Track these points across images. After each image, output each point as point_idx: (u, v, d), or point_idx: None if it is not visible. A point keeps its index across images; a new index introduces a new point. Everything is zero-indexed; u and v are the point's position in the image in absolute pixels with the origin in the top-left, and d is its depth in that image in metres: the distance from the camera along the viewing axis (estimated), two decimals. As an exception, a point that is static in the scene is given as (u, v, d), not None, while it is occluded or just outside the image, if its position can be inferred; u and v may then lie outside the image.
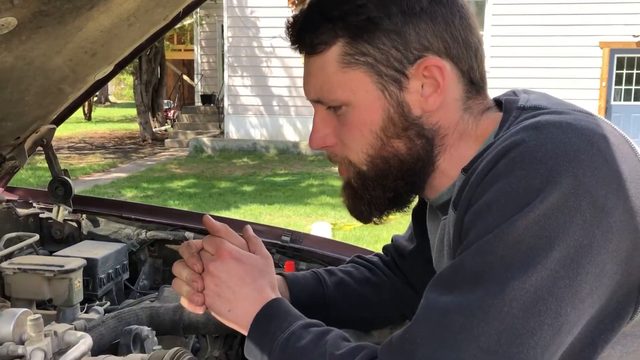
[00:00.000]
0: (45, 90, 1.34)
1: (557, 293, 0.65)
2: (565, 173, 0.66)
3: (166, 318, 1.22)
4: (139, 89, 15.51)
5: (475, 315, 0.65)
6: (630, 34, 11.86)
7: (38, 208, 1.76)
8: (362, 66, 0.81)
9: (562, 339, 0.66)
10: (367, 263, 1.14)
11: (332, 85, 0.83)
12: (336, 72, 0.82)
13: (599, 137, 0.69)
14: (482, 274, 0.67)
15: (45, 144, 1.60)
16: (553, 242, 0.65)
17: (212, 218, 0.93)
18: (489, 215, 0.69)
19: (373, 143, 0.83)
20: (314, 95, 0.86)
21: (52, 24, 1.00)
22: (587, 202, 0.65)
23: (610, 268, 0.67)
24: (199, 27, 16.74)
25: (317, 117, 0.88)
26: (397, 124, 0.82)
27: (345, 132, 0.85)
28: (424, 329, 0.68)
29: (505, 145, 0.71)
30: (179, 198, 8.06)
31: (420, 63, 0.80)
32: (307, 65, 0.86)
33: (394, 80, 0.81)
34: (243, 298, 0.83)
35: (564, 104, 0.80)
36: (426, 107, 0.82)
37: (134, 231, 1.72)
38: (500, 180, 0.69)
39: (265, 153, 12.54)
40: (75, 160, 11.81)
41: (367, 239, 5.75)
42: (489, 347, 0.64)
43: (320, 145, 0.88)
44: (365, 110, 0.82)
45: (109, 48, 1.32)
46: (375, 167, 0.85)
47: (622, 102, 12.50)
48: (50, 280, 1.25)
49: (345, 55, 0.81)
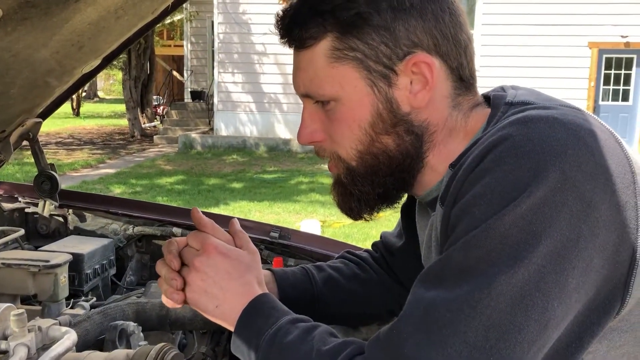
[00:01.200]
0: (31, 83, 1.32)
1: (544, 288, 0.65)
2: (552, 167, 0.66)
3: (153, 314, 1.21)
4: (128, 84, 15.42)
5: (462, 310, 0.65)
6: (618, 34, 11.96)
7: (24, 202, 1.75)
8: (351, 61, 0.81)
9: (549, 334, 0.66)
10: (357, 259, 1.14)
11: (321, 80, 0.82)
12: (325, 66, 0.82)
13: (585, 132, 0.70)
14: (469, 268, 0.67)
15: (31, 138, 1.58)
16: (540, 236, 0.65)
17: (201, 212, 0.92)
18: (476, 210, 0.69)
19: (362, 139, 0.83)
20: (303, 89, 0.86)
21: (38, 15, 0.98)
22: (573, 196, 0.65)
23: (597, 262, 0.67)
24: (188, 22, 16.66)
25: (305, 112, 0.88)
26: (386, 120, 0.82)
27: (333, 127, 0.85)
28: (411, 324, 0.68)
29: (492, 140, 0.71)
30: (167, 194, 8.03)
31: (409, 59, 0.80)
32: (296, 60, 0.86)
33: (382, 76, 0.81)
34: (230, 293, 0.82)
35: (552, 99, 0.81)
36: (415, 103, 0.82)
37: (121, 226, 1.71)
38: (487, 175, 0.69)
39: (255, 150, 12.51)
40: (63, 155, 11.72)
41: (356, 236, 5.76)
42: (476, 342, 0.64)
43: (308, 141, 0.88)
44: (353, 105, 0.82)
45: (97, 41, 1.31)
46: (365, 163, 0.84)
47: (610, 102, 12.61)
48: (35, 275, 1.24)
49: (334, 50, 0.81)
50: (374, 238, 1.23)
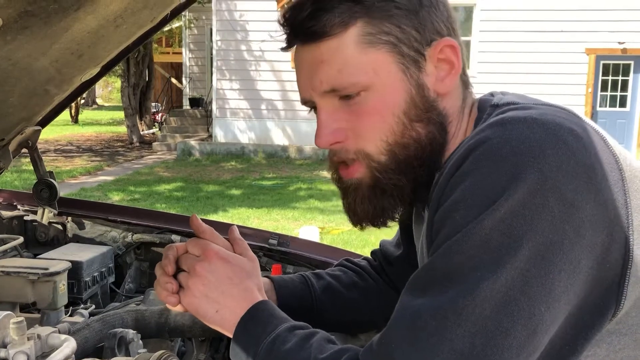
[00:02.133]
0: (31, 91, 1.33)
1: (529, 292, 0.64)
2: (531, 169, 0.65)
3: (152, 321, 1.21)
4: (126, 91, 15.42)
5: (447, 318, 0.64)
6: (615, 41, 12.00)
7: (23, 210, 1.75)
8: (385, 45, 0.79)
9: (539, 339, 0.66)
10: (355, 267, 1.14)
11: (353, 68, 0.79)
12: (356, 53, 0.78)
13: (565, 131, 0.68)
14: (452, 274, 0.66)
15: (30, 146, 1.59)
16: (521, 239, 0.64)
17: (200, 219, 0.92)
18: (457, 215, 0.68)
19: (394, 128, 0.80)
20: (326, 85, 0.80)
21: (38, 24, 0.99)
22: (554, 197, 0.64)
23: (585, 264, 0.66)
24: (187, 30, 16.70)
25: (323, 113, 0.82)
26: (419, 106, 0.80)
27: (361, 121, 0.80)
28: (399, 333, 0.68)
29: (471, 144, 0.71)
30: (166, 201, 8.02)
31: (436, 44, 0.81)
32: (315, 54, 0.80)
33: (414, 61, 0.80)
34: (231, 298, 0.82)
35: (537, 101, 0.80)
36: (441, 89, 0.82)
37: (119, 234, 1.71)
38: (467, 179, 0.69)
39: (253, 157, 12.51)
40: (61, 162, 11.71)
41: (355, 243, 5.75)
42: (463, 349, 0.63)
43: (332, 141, 0.82)
44: (387, 92, 0.79)
45: (96, 49, 1.31)
46: (395, 157, 0.81)
47: (608, 108, 12.64)
48: (34, 283, 1.24)
49: (365, 35, 0.78)
50: (373, 245, 1.23)
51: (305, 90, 0.84)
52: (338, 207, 7.82)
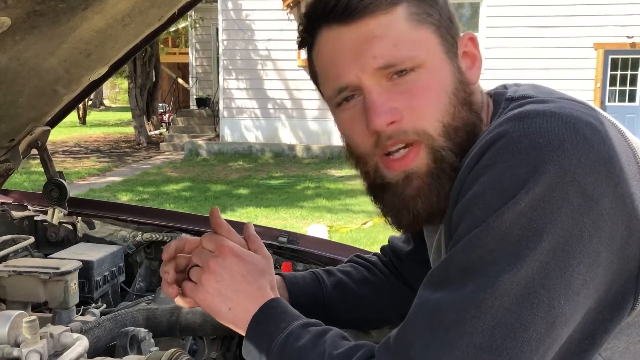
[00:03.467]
0: (40, 91, 1.33)
1: (549, 285, 0.64)
2: (550, 162, 0.65)
3: (163, 320, 1.22)
4: (133, 92, 15.47)
5: (467, 311, 0.64)
6: (624, 35, 11.92)
7: (33, 211, 1.75)
8: (431, 26, 0.80)
9: (558, 332, 0.66)
10: (366, 263, 1.14)
11: (408, 43, 0.78)
12: (407, 29, 0.78)
13: (583, 124, 0.68)
14: (472, 268, 0.66)
15: (39, 146, 1.59)
16: (541, 233, 0.64)
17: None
18: (476, 209, 0.68)
19: (449, 109, 0.78)
20: (381, 60, 0.77)
21: (47, 24, 0.99)
22: (574, 190, 0.65)
23: (605, 257, 0.66)
24: (193, 30, 16.74)
25: (374, 94, 0.78)
26: (464, 89, 0.81)
27: (417, 99, 0.78)
28: (417, 327, 0.68)
29: (489, 138, 0.70)
30: (174, 201, 8.04)
31: (463, 35, 0.83)
32: (363, 31, 0.78)
33: (451, 46, 0.82)
34: (244, 296, 0.82)
35: (553, 92, 0.80)
36: (471, 79, 0.83)
37: (129, 233, 1.71)
38: (486, 173, 0.69)
39: (260, 156, 12.53)
40: (70, 164, 11.77)
41: (364, 240, 5.75)
42: (482, 342, 0.63)
43: (388, 120, 0.77)
44: (438, 71, 0.79)
45: (104, 49, 1.31)
46: (450, 139, 0.78)
47: (617, 103, 12.55)
48: (46, 282, 1.24)
49: (413, 14, 0.79)
50: (381, 242, 1.23)
51: (348, 73, 0.79)
52: (346, 206, 7.81)
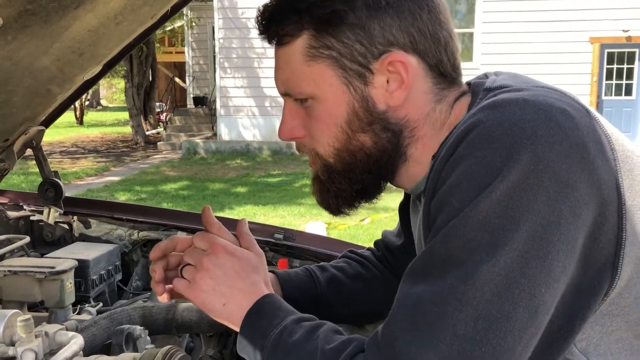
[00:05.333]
0: (33, 91, 1.33)
1: (529, 274, 0.64)
2: (524, 150, 0.65)
3: (159, 317, 1.22)
4: (130, 92, 15.45)
5: (448, 304, 0.64)
6: (619, 29, 11.92)
7: (29, 210, 1.75)
8: (326, 60, 0.81)
9: (541, 320, 0.66)
10: (360, 258, 1.14)
11: (298, 78, 0.83)
12: (301, 65, 0.82)
13: (557, 111, 0.68)
14: (451, 259, 0.66)
15: (34, 146, 1.59)
16: (518, 221, 0.64)
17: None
18: (453, 200, 0.68)
19: (339, 137, 0.84)
20: (282, 87, 0.86)
21: (38, 23, 0.99)
22: (549, 177, 0.65)
23: (581, 243, 0.67)
24: (189, 29, 16.71)
25: (286, 109, 0.88)
26: (362, 119, 0.82)
27: (312, 124, 0.85)
28: (401, 322, 0.68)
29: (464, 128, 0.71)
30: (172, 200, 8.04)
31: (384, 58, 0.80)
32: (276, 57, 0.86)
33: (358, 74, 0.81)
34: (238, 292, 0.82)
35: (530, 81, 0.80)
36: (391, 102, 0.82)
37: (125, 232, 1.71)
38: (462, 163, 0.69)
39: (258, 154, 12.53)
40: (67, 164, 11.75)
41: (362, 237, 5.76)
42: (466, 334, 0.63)
43: (288, 137, 0.88)
44: (330, 104, 0.82)
45: (97, 47, 1.31)
46: (342, 160, 0.85)
47: (613, 97, 12.56)
48: (42, 281, 1.24)
49: (310, 48, 0.81)
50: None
51: (276, 84, 0.90)
52: (344, 202, 7.86)
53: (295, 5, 0.81)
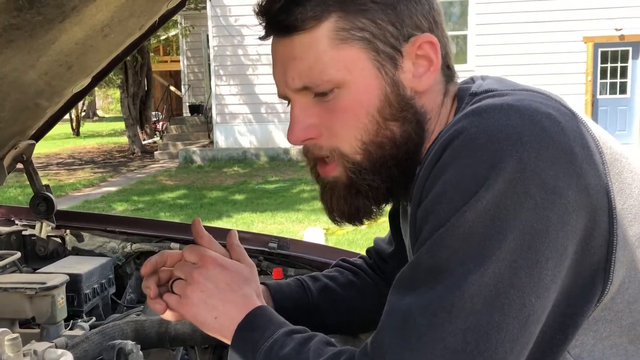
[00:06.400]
0: (22, 105, 1.32)
1: (518, 284, 0.63)
2: (509, 157, 0.64)
3: (152, 331, 1.20)
4: (126, 102, 15.45)
5: (437, 316, 0.63)
6: (612, 28, 11.96)
7: (20, 225, 1.74)
8: (359, 42, 0.76)
9: (532, 330, 0.65)
10: (352, 266, 1.13)
11: (325, 65, 0.76)
12: (328, 49, 0.76)
13: (542, 116, 0.67)
14: (439, 270, 0.65)
15: (25, 160, 1.58)
16: (505, 230, 0.63)
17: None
18: (440, 209, 0.67)
19: (368, 127, 0.77)
20: (299, 81, 0.78)
21: (24, 37, 0.98)
22: (535, 184, 0.63)
23: (571, 250, 0.65)
24: (184, 38, 16.73)
25: (296, 109, 0.80)
26: (394, 105, 0.78)
27: (335, 119, 0.78)
28: (390, 334, 0.67)
29: (448, 135, 0.69)
30: (170, 210, 8.02)
31: (414, 40, 0.78)
32: (287, 49, 0.78)
33: (390, 57, 0.77)
34: (230, 304, 0.81)
35: (515, 85, 0.79)
36: (419, 87, 0.79)
37: (119, 244, 1.70)
38: (447, 172, 0.67)
39: (255, 160, 12.52)
40: (64, 176, 11.73)
41: (360, 242, 5.74)
42: (456, 346, 0.62)
43: (303, 138, 0.80)
44: (361, 90, 0.77)
45: (85, 60, 1.31)
46: (370, 156, 0.78)
47: (608, 96, 12.59)
48: (32, 298, 1.23)
49: (339, 31, 0.75)
50: (376, 244, 1.22)
51: (279, 85, 0.82)
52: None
53: None
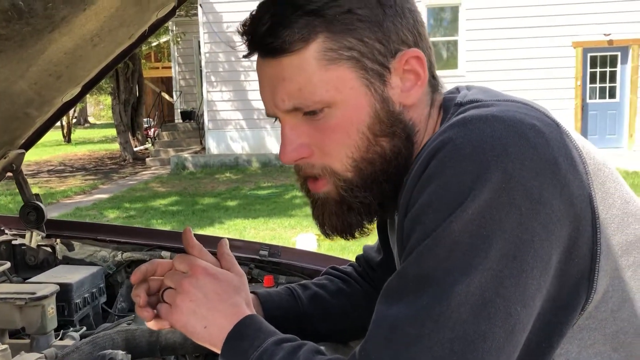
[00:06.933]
0: (11, 115, 1.32)
1: (504, 293, 0.63)
2: (494, 168, 0.65)
3: (142, 340, 1.20)
4: (117, 108, 15.40)
5: (424, 325, 0.64)
6: (601, 33, 12.06)
7: (10, 235, 1.73)
8: (347, 61, 0.76)
9: (517, 339, 0.65)
10: (341, 274, 1.13)
11: (314, 86, 0.76)
12: (317, 70, 0.76)
13: (527, 127, 0.68)
14: (426, 280, 0.66)
15: (14, 170, 1.58)
16: (491, 240, 0.64)
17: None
18: (426, 219, 0.67)
19: (359, 144, 0.78)
20: (289, 103, 0.78)
21: (13, 47, 0.98)
22: (520, 195, 0.64)
23: (556, 259, 0.66)
24: (175, 44, 16.72)
25: (286, 128, 0.81)
26: (384, 121, 0.78)
27: (325, 137, 0.79)
28: (377, 344, 0.67)
29: (434, 146, 0.70)
30: (162, 216, 7.99)
31: (401, 56, 0.78)
32: (275, 70, 0.78)
33: (378, 74, 0.78)
34: (219, 314, 0.81)
35: (499, 95, 0.80)
36: (407, 101, 0.80)
37: (109, 253, 1.70)
38: (433, 182, 0.68)
39: (247, 167, 12.51)
40: (55, 183, 11.66)
41: (353, 248, 5.73)
42: (443, 356, 0.63)
43: (296, 158, 0.81)
44: (351, 108, 0.77)
45: (75, 69, 1.31)
46: (361, 173, 0.79)
47: (598, 100, 12.69)
48: (22, 308, 1.23)
49: (327, 51, 0.76)
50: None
51: (268, 105, 0.82)
52: (334, 213, 7.88)
53: (304, 7, 0.75)
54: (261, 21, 0.77)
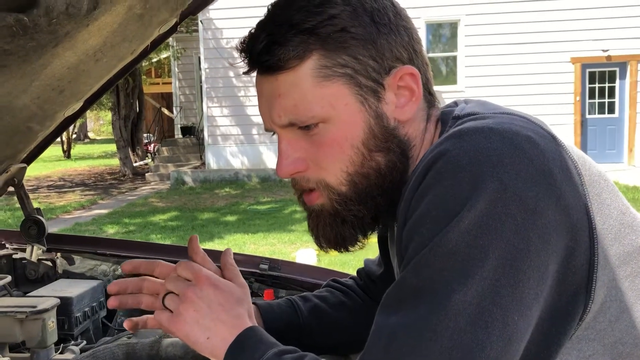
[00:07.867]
0: (13, 129, 1.33)
1: (501, 302, 0.64)
2: (490, 178, 0.66)
3: (143, 354, 1.20)
4: (117, 124, 15.46)
5: (422, 335, 0.64)
6: (599, 49, 12.15)
7: (11, 249, 1.73)
8: (341, 78, 0.78)
9: (515, 348, 0.66)
10: (342, 287, 1.13)
11: (309, 102, 0.78)
12: (312, 87, 0.78)
13: (522, 138, 0.69)
14: (423, 290, 0.66)
15: (16, 184, 1.58)
16: (487, 250, 0.64)
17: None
18: (423, 229, 0.68)
19: (354, 159, 0.80)
20: (285, 118, 0.80)
21: (17, 62, 0.99)
22: (516, 205, 0.65)
23: (553, 269, 0.67)
24: (175, 60, 16.83)
25: (283, 143, 0.83)
26: (378, 136, 0.80)
27: (321, 152, 0.81)
28: (376, 354, 0.68)
29: (431, 157, 0.71)
30: (161, 232, 7.98)
31: (395, 72, 0.80)
32: (272, 86, 0.80)
33: (372, 91, 0.79)
34: (222, 325, 0.82)
35: (497, 108, 0.81)
36: (401, 116, 0.81)
37: (110, 267, 1.70)
38: (430, 193, 0.69)
39: (247, 182, 12.52)
40: (55, 198, 11.66)
41: (353, 263, 5.72)
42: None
43: (292, 172, 0.83)
44: (345, 124, 0.79)
45: (77, 84, 1.32)
46: (356, 187, 0.81)
47: (597, 115, 12.73)
48: (23, 322, 1.23)
49: (321, 68, 0.78)
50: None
51: (265, 120, 0.85)
52: (334, 228, 7.91)
53: (299, 26, 0.77)
54: (258, 39, 0.79)
